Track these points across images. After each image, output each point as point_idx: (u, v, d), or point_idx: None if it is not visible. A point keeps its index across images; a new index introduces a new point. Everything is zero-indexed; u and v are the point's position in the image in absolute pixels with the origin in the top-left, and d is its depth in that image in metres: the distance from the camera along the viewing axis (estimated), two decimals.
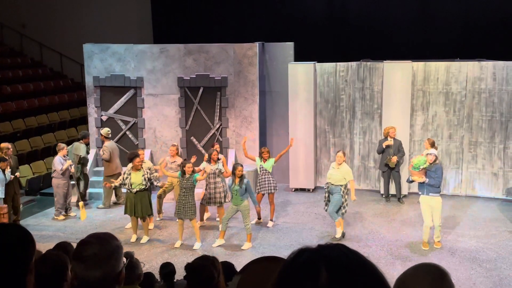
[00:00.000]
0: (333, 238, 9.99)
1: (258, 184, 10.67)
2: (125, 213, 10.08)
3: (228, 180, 9.83)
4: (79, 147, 11.85)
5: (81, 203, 10.81)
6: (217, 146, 10.74)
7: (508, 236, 10.01)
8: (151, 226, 10.49)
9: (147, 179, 9.84)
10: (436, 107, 12.28)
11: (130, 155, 10.13)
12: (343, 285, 1.14)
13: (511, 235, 10.08)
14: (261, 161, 10.70)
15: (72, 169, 11.38)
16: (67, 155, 11.38)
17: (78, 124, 16.40)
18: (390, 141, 11.70)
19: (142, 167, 9.97)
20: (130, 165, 9.96)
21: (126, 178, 9.87)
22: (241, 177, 9.42)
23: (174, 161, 10.84)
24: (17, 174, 10.75)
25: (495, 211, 11.38)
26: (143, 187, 9.81)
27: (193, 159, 10.27)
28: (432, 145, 11.50)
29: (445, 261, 8.87)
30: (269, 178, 10.59)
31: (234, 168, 9.70)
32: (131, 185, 9.82)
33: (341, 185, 9.65)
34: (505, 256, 9.15)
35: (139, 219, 10.05)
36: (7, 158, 10.35)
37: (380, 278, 1.19)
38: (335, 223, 9.91)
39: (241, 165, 9.85)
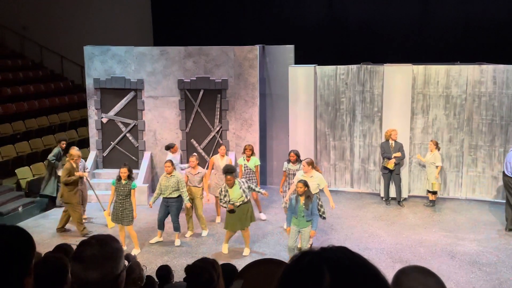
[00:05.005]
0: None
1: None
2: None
3: (293, 199, 8.74)
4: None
5: (105, 212, 10.43)
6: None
7: (508, 240, 10.00)
8: (177, 242, 9.97)
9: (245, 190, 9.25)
10: (436, 111, 12.28)
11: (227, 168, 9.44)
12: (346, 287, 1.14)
13: (511, 238, 10.07)
14: (244, 160, 10.99)
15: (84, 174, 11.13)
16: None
17: (78, 126, 16.40)
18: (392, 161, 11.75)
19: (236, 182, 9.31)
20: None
21: (225, 195, 9.21)
22: (309, 196, 8.44)
23: (198, 173, 10.38)
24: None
25: (495, 214, 11.37)
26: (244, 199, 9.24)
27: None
28: (436, 146, 11.60)
29: (445, 265, 8.86)
30: (252, 177, 10.92)
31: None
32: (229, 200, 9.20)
33: (317, 193, 9.25)
34: (505, 259, 9.14)
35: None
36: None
37: (383, 281, 1.19)
38: (312, 232, 8.98)
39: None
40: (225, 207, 9.35)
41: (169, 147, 11.52)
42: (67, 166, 10.33)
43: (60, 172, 11.50)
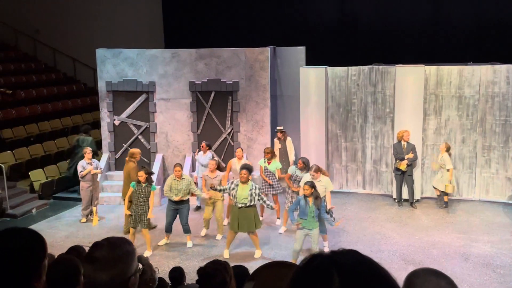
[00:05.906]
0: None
1: (262, 186, 10.78)
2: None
3: (301, 200, 8.70)
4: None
5: (94, 208, 10.79)
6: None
7: None
8: (189, 244, 10.01)
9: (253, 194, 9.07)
10: (449, 111, 12.20)
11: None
12: None
13: None
14: (265, 162, 10.91)
15: (96, 171, 11.34)
16: (92, 158, 11.43)
17: (91, 128, 16.48)
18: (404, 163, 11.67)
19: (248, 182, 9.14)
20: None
21: (233, 188, 9.24)
22: (317, 196, 8.54)
23: (217, 176, 10.28)
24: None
25: (509, 216, 11.26)
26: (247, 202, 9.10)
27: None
28: (448, 149, 11.49)
29: (459, 267, 8.79)
30: (273, 179, 10.83)
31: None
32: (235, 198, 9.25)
33: (323, 197, 9.16)
34: None
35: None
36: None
37: (393, 284, 1.18)
38: (324, 236, 9.44)
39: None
40: (219, 192, 9.53)
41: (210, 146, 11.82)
42: (134, 165, 10.39)
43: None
